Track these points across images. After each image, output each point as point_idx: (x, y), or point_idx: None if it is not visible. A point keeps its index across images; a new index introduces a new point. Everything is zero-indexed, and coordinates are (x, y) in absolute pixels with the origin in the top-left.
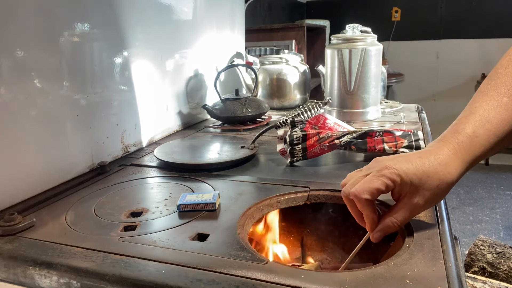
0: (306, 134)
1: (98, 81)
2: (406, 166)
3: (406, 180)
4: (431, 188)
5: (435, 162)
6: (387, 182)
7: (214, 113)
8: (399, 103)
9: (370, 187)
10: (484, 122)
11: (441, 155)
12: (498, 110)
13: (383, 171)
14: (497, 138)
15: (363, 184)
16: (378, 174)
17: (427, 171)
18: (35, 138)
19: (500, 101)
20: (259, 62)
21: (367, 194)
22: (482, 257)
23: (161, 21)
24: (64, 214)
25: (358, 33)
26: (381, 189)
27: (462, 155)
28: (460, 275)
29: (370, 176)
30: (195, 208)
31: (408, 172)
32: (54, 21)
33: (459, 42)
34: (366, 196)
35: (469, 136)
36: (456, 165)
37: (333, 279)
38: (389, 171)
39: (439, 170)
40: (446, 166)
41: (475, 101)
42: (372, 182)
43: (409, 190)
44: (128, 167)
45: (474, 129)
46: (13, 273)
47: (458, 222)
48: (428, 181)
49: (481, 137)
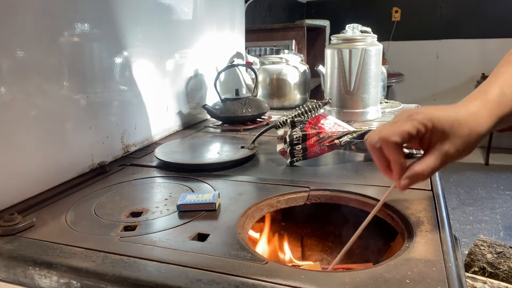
0: (306, 134)
1: (98, 81)
2: (438, 113)
3: (438, 126)
4: (463, 136)
5: (466, 113)
6: (418, 126)
7: (214, 113)
8: (399, 103)
9: (400, 129)
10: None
11: (472, 108)
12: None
13: (414, 115)
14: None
15: (393, 127)
16: (410, 118)
17: (459, 118)
18: (35, 138)
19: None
20: (259, 62)
21: (397, 137)
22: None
23: (161, 21)
24: (64, 214)
25: (358, 33)
26: (412, 133)
27: (492, 110)
28: (460, 275)
29: (401, 121)
30: (195, 208)
31: (440, 118)
32: (54, 21)
33: (459, 42)
34: (395, 138)
35: (498, 94)
36: (486, 117)
37: (333, 279)
38: (421, 116)
39: (470, 119)
40: (477, 117)
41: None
42: (402, 125)
43: (440, 137)
44: (128, 167)
45: (501, 89)
46: (13, 273)
47: (458, 222)
48: (460, 129)
49: (509, 97)
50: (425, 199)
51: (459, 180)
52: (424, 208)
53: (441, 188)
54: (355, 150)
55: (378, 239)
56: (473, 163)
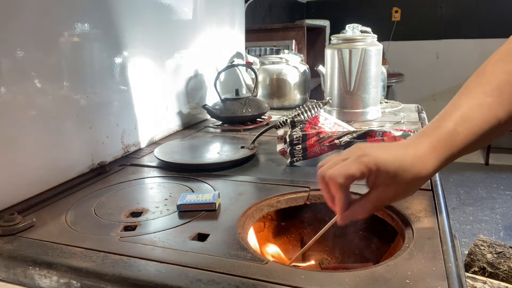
0: (306, 134)
1: (98, 81)
2: (385, 156)
3: (383, 170)
4: (405, 181)
5: (413, 156)
6: (363, 169)
7: (214, 113)
8: (399, 103)
9: (346, 171)
10: (466, 120)
11: (420, 149)
12: (480, 109)
13: (361, 158)
14: (476, 137)
15: (339, 168)
16: (356, 160)
17: (404, 163)
18: (35, 138)
19: (483, 101)
20: (259, 62)
21: (342, 179)
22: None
23: (161, 21)
24: (64, 214)
25: (358, 33)
26: (356, 175)
27: (440, 152)
28: (460, 275)
29: (348, 161)
30: (195, 208)
31: (386, 162)
32: (54, 21)
33: (459, 42)
34: (340, 180)
35: (450, 133)
36: (432, 161)
37: (333, 279)
38: (367, 159)
39: (416, 164)
40: (423, 161)
41: (460, 98)
42: (348, 167)
43: (383, 180)
44: (128, 167)
45: (455, 126)
46: (13, 273)
47: (458, 222)
48: (404, 173)
49: (461, 135)
50: (425, 199)
51: (459, 180)
52: (424, 208)
53: (441, 188)
54: None
55: (378, 239)
56: (473, 163)
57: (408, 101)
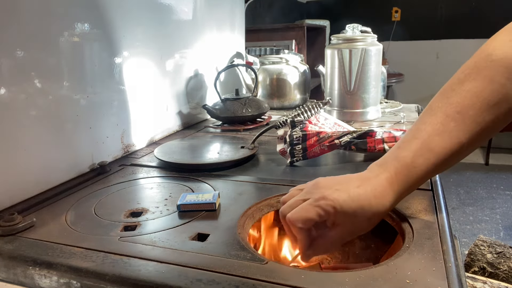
0: (306, 134)
1: (98, 81)
2: (343, 198)
3: (340, 212)
4: (363, 219)
5: (370, 195)
6: (321, 213)
7: (214, 113)
8: (399, 103)
9: (304, 216)
10: (425, 151)
11: (378, 186)
12: (442, 137)
13: (319, 201)
14: (436, 167)
15: (299, 212)
16: (314, 204)
17: (362, 204)
18: (35, 138)
19: (446, 126)
20: (259, 62)
21: (300, 224)
22: (482, 257)
23: (161, 21)
24: (64, 214)
25: (358, 33)
26: (314, 219)
27: (398, 186)
28: (460, 275)
29: (307, 204)
30: (195, 208)
31: (343, 204)
32: (54, 21)
33: (459, 42)
34: (299, 225)
35: (408, 166)
36: (390, 197)
37: (333, 279)
38: (325, 202)
39: (373, 203)
40: (381, 199)
41: (422, 122)
42: (307, 212)
43: (342, 220)
44: (128, 167)
45: (413, 158)
46: (13, 273)
47: (458, 222)
48: (362, 213)
49: (420, 167)
50: (425, 199)
51: (459, 180)
52: (424, 208)
53: (441, 188)
54: (355, 150)
55: (378, 239)
56: (473, 163)
57: (408, 101)
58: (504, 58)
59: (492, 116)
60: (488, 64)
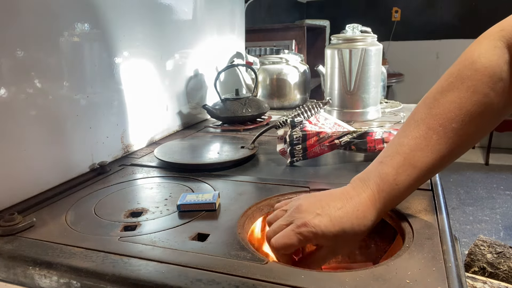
0: (306, 134)
1: (98, 81)
2: (324, 223)
3: (322, 236)
4: (346, 241)
5: (352, 217)
6: (302, 239)
7: (214, 113)
8: (399, 103)
9: (286, 243)
10: (408, 167)
11: (360, 206)
12: (424, 152)
13: (301, 228)
14: (417, 182)
15: (281, 238)
16: (296, 231)
17: (343, 226)
18: (35, 138)
19: (428, 140)
20: (259, 62)
21: (282, 250)
22: (482, 257)
23: (161, 21)
24: (64, 214)
25: (358, 33)
26: (296, 246)
27: (380, 204)
28: (460, 275)
29: (289, 230)
30: (195, 208)
31: (324, 230)
32: (54, 21)
33: (459, 42)
34: (282, 251)
35: (390, 183)
36: (371, 216)
37: (333, 279)
38: (306, 230)
39: (355, 224)
40: (362, 219)
41: (405, 135)
42: (289, 239)
43: (325, 243)
44: (128, 167)
45: (396, 175)
46: (13, 273)
47: (458, 222)
48: (344, 235)
49: (402, 185)
50: (425, 199)
51: (459, 180)
52: (424, 208)
53: (441, 188)
54: (355, 150)
55: (378, 239)
56: (473, 163)
57: (408, 101)
58: (489, 67)
59: (474, 128)
60: (472, 73)
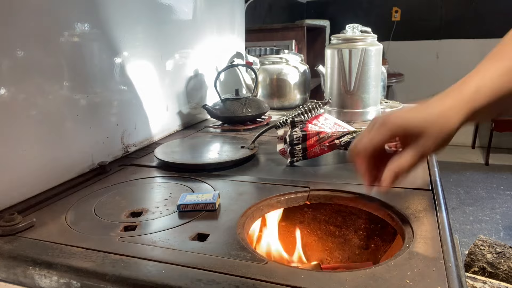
0: (306, 134)
1: (98, 81)
2: (409, 115)
3: (408, 130)
4: (433, 135)
5: (437, 110)
6: (389, 133)
7: (214, 113)
8: (399, 103)
9: (374, 140)
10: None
11: (445, 104)
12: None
13: (385, 123)
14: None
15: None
16: (380, 129)
17: (429, 119)
18: (35, 138)
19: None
20: (259, 62)
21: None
22: (482, 257)
23: (161, 21)
24: (64, 214)
25: (358, 33)
26: (384, 141)
27: (465, 104)
28: (460, 275)
29: (374, 131)
30: (195, 208)
31: (410, 121)
32: (54, 21)
33: (459, 42)
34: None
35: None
36: (457, 114)
37: (333, 279)
38: (391, 122)
39: (440, 119)
40: (447, 116)
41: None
42: (375, 135)
43: (412, 138)
44: (128, 167)
45: (477, 86)
46: (13, 273)
47: (458, 222)
48: (430, 128)
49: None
50: (425, 199)
51: (459, 180)
52: (424, 208)
53: (441, 188)
54: None
55: (378, 239)
56: (473, 163)
57: (408, 101)
58: None
59: None
60: None
